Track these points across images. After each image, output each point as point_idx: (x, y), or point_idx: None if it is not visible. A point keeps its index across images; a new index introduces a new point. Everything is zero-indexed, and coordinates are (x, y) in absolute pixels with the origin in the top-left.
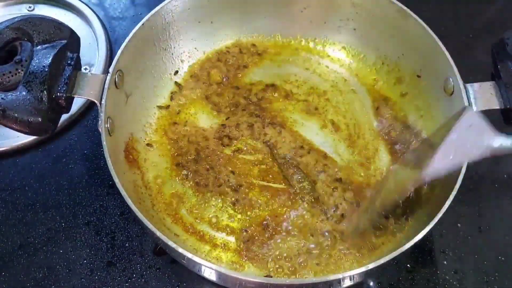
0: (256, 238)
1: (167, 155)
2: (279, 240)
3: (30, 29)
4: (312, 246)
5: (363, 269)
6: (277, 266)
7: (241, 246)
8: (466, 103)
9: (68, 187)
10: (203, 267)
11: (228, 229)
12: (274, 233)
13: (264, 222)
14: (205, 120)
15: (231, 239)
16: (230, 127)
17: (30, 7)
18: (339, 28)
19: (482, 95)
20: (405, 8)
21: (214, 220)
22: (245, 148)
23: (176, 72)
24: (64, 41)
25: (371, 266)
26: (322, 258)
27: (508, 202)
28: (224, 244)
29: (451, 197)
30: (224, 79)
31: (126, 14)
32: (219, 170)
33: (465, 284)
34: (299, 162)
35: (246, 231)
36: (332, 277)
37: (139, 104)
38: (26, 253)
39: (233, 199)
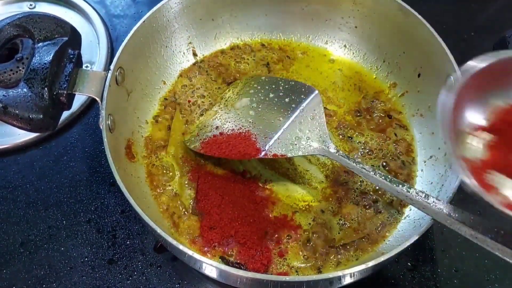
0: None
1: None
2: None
3: (31, 26)
4: None
5: (363, 266)
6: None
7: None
8: None
9: (69, 185)
10: (203, 265)
11: None
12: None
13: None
14: None
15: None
16: None
17: (31, 5)
18: (340, 26)
19: None
20: (406, 5)
21: None
22: None
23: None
24: (65, 38)
25: (371, 264)
26: None
27: None
28: None
29: (453, 193)
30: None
31: (127, 11)
32: None
33: (466, 282)
34: None
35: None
36: (332, 275)
37: (140, 101)
38: (27, 250)
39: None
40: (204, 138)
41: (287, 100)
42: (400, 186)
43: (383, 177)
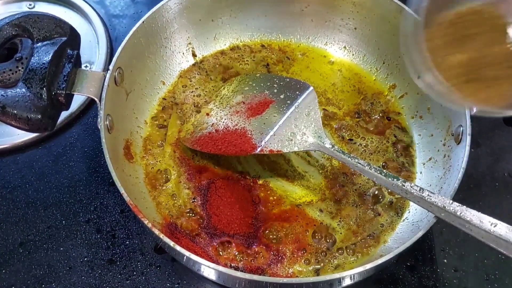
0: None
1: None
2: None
3: (30, 26)
4: None
5: (360, 269)
6: None
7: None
8: None
9: (68, 184)
10: (202, 266)
11: None
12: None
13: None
14: None
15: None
16: None
17: (30, 4)
18: (340, 27)
19: None
20: (405, 7)
21: None
22: None
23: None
24: (64, 38)
25: (368, 266)
26: None
27: (508, 200)
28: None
29: (451, 195)
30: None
31: (127, 12)
32: None
33: (465, 282)
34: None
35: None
36: (331, 277)
37: (139, 101)
38: (27, 250)
39: None
40: (200, 135)
41: (282, 96)
42: (395, 180)
43: (378, 171)
